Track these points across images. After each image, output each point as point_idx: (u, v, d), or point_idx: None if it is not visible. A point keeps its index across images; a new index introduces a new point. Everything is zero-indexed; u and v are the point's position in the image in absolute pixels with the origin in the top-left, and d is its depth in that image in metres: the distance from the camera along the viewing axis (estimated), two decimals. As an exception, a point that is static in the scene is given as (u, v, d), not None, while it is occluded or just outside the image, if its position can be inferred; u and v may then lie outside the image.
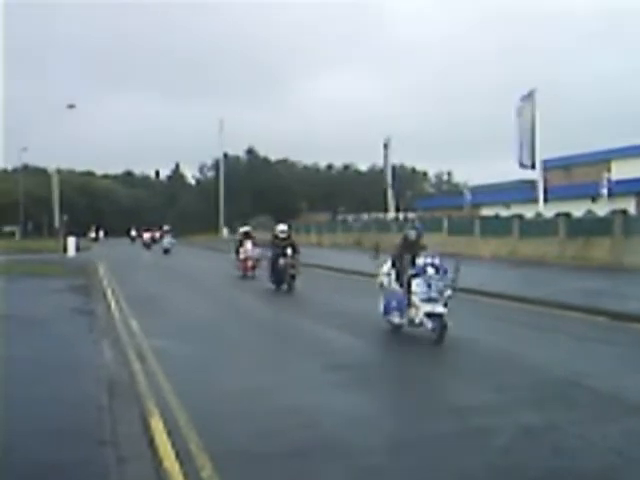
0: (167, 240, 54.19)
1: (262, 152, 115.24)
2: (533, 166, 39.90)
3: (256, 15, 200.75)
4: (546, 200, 39.95)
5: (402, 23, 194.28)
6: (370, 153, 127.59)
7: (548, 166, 46.94)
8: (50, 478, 5.87)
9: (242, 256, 28.88)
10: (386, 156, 59.58)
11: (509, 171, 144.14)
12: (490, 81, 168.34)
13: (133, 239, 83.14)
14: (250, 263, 28.47)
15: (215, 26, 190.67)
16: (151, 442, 7.07)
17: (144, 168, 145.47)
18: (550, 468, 6.29)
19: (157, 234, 69.97)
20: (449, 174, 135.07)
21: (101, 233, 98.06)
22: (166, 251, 51.53)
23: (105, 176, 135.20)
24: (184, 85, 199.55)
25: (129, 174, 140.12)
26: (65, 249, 48.06)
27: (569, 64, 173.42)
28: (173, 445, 6.97)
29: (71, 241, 49.55)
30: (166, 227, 64.83)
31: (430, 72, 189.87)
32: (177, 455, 6.68)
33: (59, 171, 72.37)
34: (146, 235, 66.14)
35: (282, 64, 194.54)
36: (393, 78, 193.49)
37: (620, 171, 49.11)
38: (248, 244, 28.89)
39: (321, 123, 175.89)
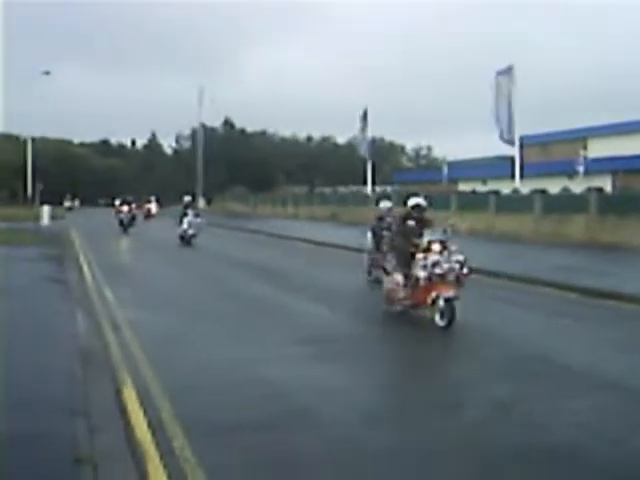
0: (192, 220, 30.61)
1: (239, 123, 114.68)
2: (511, 142, 39.98)
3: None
4: (523, 176, 40.06)
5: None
6: (348, 126, 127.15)
7: (525, 143, 47.05)
8: (20, 449, 5.83)
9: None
10: (364, 129, 59.39)
11: (487, 147, 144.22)
12: (470, 57, 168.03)
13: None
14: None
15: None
16: (123, 412, 7.06)
17: (120, 137, 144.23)
18: (520, 442, 6.34)
19: (148, 207, 55.66)
20: (428, 149, 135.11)
21: (76, 202, 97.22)
22: (190, 238, 30.16)
23: (81, 145, 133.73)
24: (160, 56, 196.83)
25: (105, 143, 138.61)
26: (39, 218, 47.61)
27: (548, 42, 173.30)
28: (145, 415, 6.96)
29: (45, 210, 49.07)
30: (152, 198, 57.79)
31: (411, 47, 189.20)
32: (149, 425, 6.68)
33: (34, 139, 71.60)
34: (124, 209, 40.17)
35: (258, 34, 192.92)
36: (375, 51, 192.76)
37: (596, 149, 49.45)
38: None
39: (300, 95, 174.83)
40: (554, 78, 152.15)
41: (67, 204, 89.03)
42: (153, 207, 56.29)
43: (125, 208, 40.35)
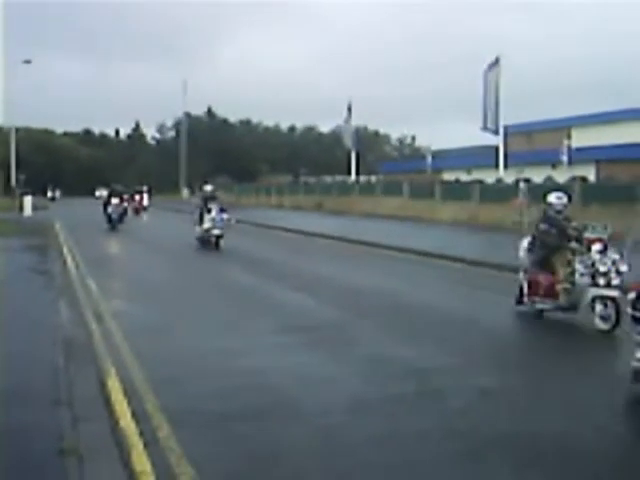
0: (217, 216, 23.39)
1: (222, 113, 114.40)
2: (496, 132, 40.06)
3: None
4: (507, 166, 40.16)
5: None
6: (332, 115, 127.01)
7: (510, 132, 47.12)
8: (3, 440, 5.79)
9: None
10: (348, 118, 59.33)
11: (472, 136, 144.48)
12: (454, 47, 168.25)
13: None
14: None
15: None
16: (107, 402, 7.02)
17: (103, 127, 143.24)
18: (506, 430, 6.36)
19: (139, 199, 48.97)
20: (412, 138, 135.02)
21: (57, 192, 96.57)
22: (217, 240, 23.28)
23: (64, 134, 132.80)
24: (141, 46, 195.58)
25: (88, 133, 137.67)
26: (21, 208, 47.25)
27: (532, 32, 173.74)
28: (129, 405, 6.93)
29: (27, 200, 48.69)
30: (145, 188, 51.62)
31: (395, 37, 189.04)
32: (133, 415, 6.65)
33: (17, 129, 71.06)
34: (114, 201, 34.02)
35: (238, 24, 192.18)
36: (360, 41, 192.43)
37: (580, 139, 49.53)
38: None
39: (282, 85, 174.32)
40: (538, 68, 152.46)
41: (49, 194, 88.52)
42: (145, 199, 50.63)
43: (115, 200, 33.69)
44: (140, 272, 18.42)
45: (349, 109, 58.52)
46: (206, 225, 23.46)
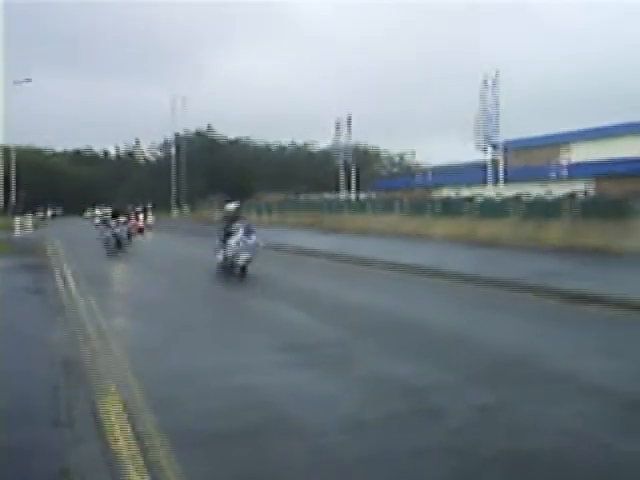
0: (244, 239, 20.20)
1: (216, 132, 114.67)
2: (494, 147, 40.31)
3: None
4: (504, 181, 40.32)
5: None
6: (326, 133, 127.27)
7: (507, 148, 47.39)
8: (3, 459, 5.77)
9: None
10: (339, 136, 59.62)
11: (468, 153, 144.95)
12: (448, 64, 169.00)
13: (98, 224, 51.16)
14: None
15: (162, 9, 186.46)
16: (107, 421, 7.00)
17: (95, 145, 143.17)
18: (503, 448, 6.35)
19: (137, 219, 42.46)
20: (408, 155, 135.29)
21: (52, 211, 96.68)
22: (243, 266, 20.04)
23: (58, 153, 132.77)
24: (135, 65, 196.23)
25: (78, 153, 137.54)
26: (14, 228, 47.30)
27: (528, 48, 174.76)
28: (129, 424, 6.91)
29: (21, 220, 48.78)
30: (149, 205, 48.51)
31: (389, 55, 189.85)
32: (133, 434, 6.63)
33: (9, 149, 71.14)
34: (117, 221, 30.27)
35: (232, 42, 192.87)
36: (356, 60, 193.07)
37: (578, 154, 49.81)
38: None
39: (274, 103, 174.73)
40: (535, 83, 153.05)
41: (43, 214, 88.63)
42: (150, 218, 47.92)
43: (121, 219, 29.97)
44: (136, 289, 18.39)
45: (344, 125, 58.78)
46: (231, 249, 20.01)
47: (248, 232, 20.11)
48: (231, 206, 21.67)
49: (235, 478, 5.76)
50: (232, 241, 20.04)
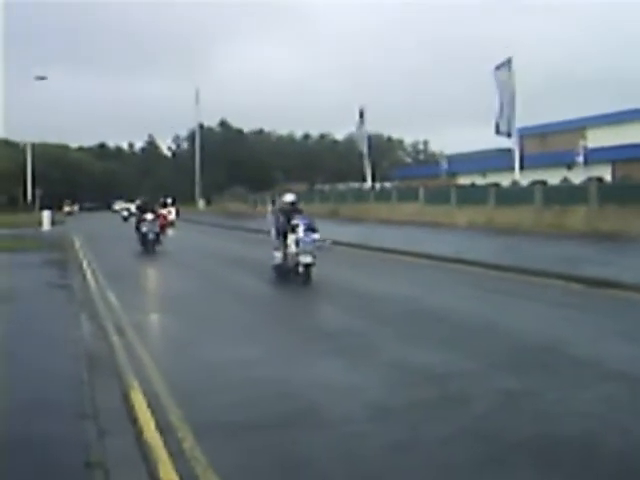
0: (304, 238, 16.93)
1: (236, 123, 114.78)
2: (509, 134, 39.91)
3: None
4: (522, 168, 40.05)
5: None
6: (346, 122, 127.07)
7: (524, 134, 47.05)
8: (30, 452, 5.83)
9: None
10: (361, 125, 59.37)
11: (486, 140, 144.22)
12: (466, 51, 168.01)
13: (126, 218, 54.70)
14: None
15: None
16: (131, 415, 7.05)
17: (118, 140, 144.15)
18: (530, 434, 6.33)
19: (168, 212, 40.54)
20: (425, 143, 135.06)
21: (75, 207, 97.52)
22: (305, 270, 16.92)
23: (79, 149, 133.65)
24: (151, 59, 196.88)
25: (102, 147, 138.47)
26: (40, 223, 47.65)
27: (543, 33, 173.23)
28: (154, 417, 6.96)
29: (46, 215, 49.11)
30: (169, 200, 45.06)
31: (406, 43, 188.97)
32: (158, 427, 6.67)
33: (32, 145, 71.58)
34: (149, 217, 27.99)
35: (250, 34, 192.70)
36: (371, 49, 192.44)
37: (596, 139, 49.35)
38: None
39: (295, 93, 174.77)
40: (552, 69, 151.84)
41: (67, 209, 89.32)
42: (172, 212, 44.84)
43: (150, 216, 27.71)
44: (159, 283, 18.45)
45: (361, 115, 58.59)
46: (292, 249, 17.22)
47: (309, 229, 17.10)
48: (289, 197, 18.35)
49: (262, 468, 5.77)
50: (291, 238, 17.25)
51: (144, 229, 27.49)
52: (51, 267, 20.76)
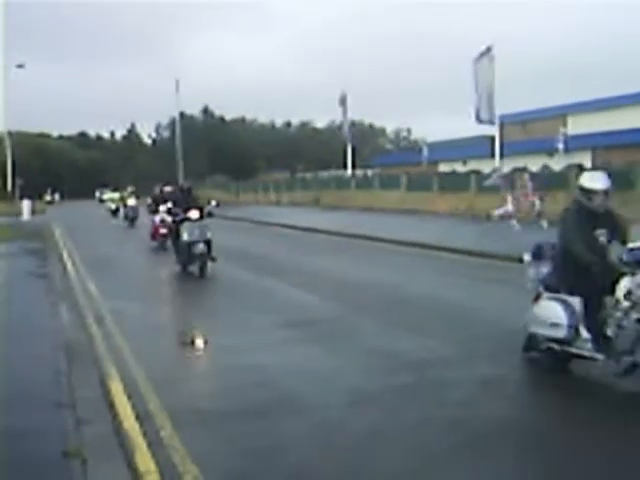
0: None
1: (217, 111, 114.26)
2: (491, 122, 39.94)
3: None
4: (503, 155, 40.12)
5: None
6: (327, 110, 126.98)
7: (505, 121, 47.09)
8: (7, 443, 5.82)
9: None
10: (344, 112, 59.26)
11: (467, 127, 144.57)
12: (447, 39, 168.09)
13: (114, 212, 45.90)
14: None
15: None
16: (110, 403, 7.05)
17: (99, 129, 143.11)
18: (506, 419, 6.40)
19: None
20: (408, 130, 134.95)
21: (56, 196, 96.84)
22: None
23: (60, 137, 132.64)
24: (134, 47, 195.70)
25: (83, 135, 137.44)
26: (20, 213, 47.33)
27: (524, 19, 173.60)
28: (132, 406, 6.96)
29: (26, 204, 48.77)
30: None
31: (386, 30, 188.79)
32: (136, 415, 6.67)
33: (11, 134, 71.01)
34: (193, 215, 17.40)
35: (231, 21, 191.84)
36: (354, 37, 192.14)
37: (576, 126, 49.54)
38: None
39: (275, 80, 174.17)
40: (531, 56, 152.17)
41: (47, 198, 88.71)
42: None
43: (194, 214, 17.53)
44: (137, 271, 18.34)
45: (343, 102, 58.45)
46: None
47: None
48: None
49: (240, 455, 5.79)
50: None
51: (190, 237, 16.90)
52: (30, 256, 20.65)
